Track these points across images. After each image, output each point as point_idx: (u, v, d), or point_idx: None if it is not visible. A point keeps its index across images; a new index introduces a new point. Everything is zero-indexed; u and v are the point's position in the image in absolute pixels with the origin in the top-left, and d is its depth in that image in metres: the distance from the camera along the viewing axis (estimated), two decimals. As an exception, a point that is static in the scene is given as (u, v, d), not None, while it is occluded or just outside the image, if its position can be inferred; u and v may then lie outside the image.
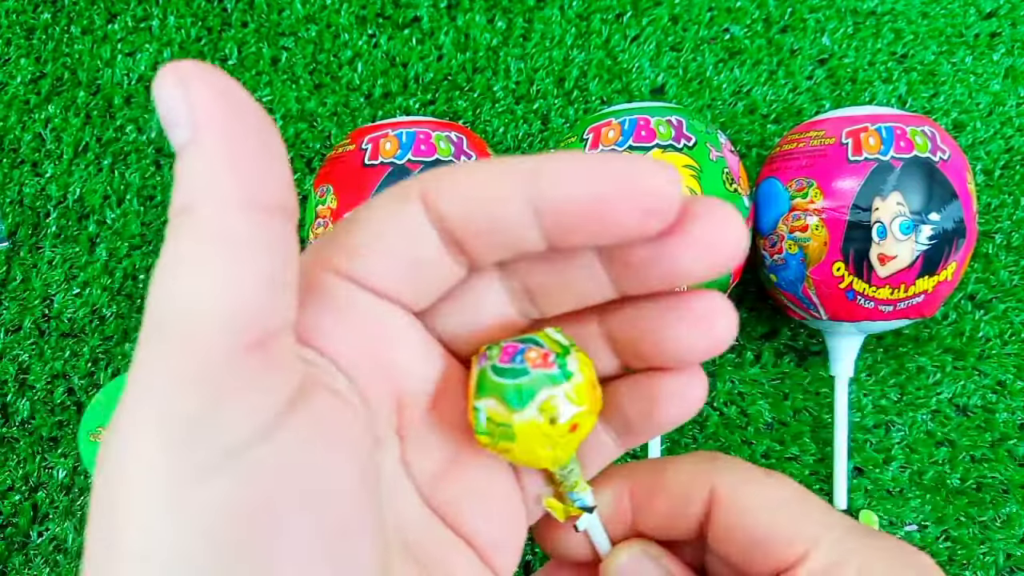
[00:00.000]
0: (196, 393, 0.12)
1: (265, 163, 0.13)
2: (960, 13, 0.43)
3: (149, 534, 0.11)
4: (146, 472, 0.11)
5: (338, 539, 0.13)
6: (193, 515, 0.11)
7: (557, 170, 0.14)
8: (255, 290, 0.12)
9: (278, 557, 0.12)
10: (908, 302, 0.32)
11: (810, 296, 0.33)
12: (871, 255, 0.31)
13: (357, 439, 0.14)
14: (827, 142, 0.33)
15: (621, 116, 0.33)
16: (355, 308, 0.16)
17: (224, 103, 0.12)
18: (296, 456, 0.12)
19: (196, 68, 0.12)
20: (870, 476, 0.37)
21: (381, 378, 0.16)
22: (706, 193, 0.31)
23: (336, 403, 0.14)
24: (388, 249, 0.15)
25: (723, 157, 0.33)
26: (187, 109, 0.12)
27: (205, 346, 0.12)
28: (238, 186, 0.12)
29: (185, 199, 0.12)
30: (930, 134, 0.32)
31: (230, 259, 0.12)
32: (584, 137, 0.33)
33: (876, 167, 0.31)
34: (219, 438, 0.12)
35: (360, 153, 0.32)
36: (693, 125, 0.32)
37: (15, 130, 0.41)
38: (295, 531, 0.12)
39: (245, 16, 0.42)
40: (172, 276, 0.12)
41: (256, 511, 0.12)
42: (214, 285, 0.12)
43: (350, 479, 0.13)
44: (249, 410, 0.12)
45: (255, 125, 0.13)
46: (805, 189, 0.32)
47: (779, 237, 0.33)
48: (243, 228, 0.12)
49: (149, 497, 0.11)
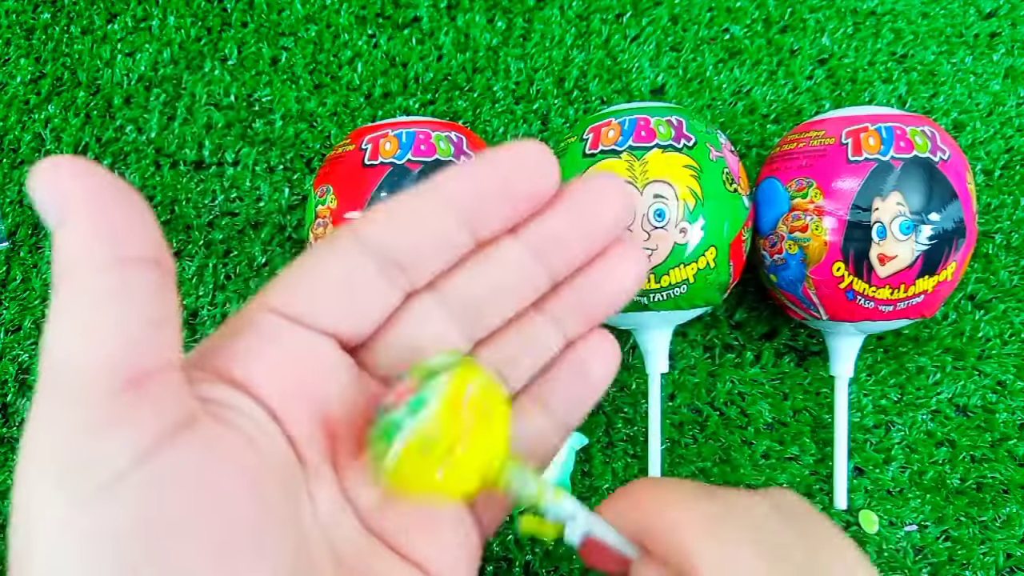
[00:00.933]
0: (76, 431, 0.13)
1: (127, 227, 0.14)
2: (960, 13, 0.43)
3: (50, 564, 0.13)
4: (42, 506, 0.13)
5: (228, 558, 0.14)
6: (85, 541, 0.13)
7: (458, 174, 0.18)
8: (125, 336, 0.14)
9: (170, 571, 0.13)
10: (908, 302, 0.32)
11: (810, 296, 0.33)
12: (871, 255, 0.31)
13: (254, 464, 0.15)
14: (827, 142, 0.33)
15: (621, 116, 0.33)
16: (282, 340, 0.17)
17: (86, 187, 0.14)
18: (177, 480, 0.14)
19: (63, 162, 0.14)
20: (870, 476, 0.37)
21: (306, 407, 0.17)
22: (706, 194, 0.31)
23: (225, 430, 0.15)
24: (322, 283, 0.17)
25: (723, 157, 0.33)
26: (54, 198, 0.14)
27: (80, 390, 0.13)
28: (101, 249, 0.14)
29: (59, 268, 0.14)
30: (930, 134, 0.32)
31: (97, 312, 0.13)
32: (584, 137, 0.33)
33: (876, 167, 0.31)
34: (100, 468, 0.13)
35: (360, 153, 0.32)
36: (693, 125, 0.32)
37: (15, 130, 0.41)
38: (182, 551, 0.13)
39: (245, 16, 0.42)
40: (50, 332, 0.14)
41: (141, 532, 0.13)
42: (84, 336, 0.13)
43: (241, 502, 0.14)
44: (126, 442, 0.13)
45: (117, 198, 0.14)
46: (805, 189, 0.32)
47: (779, 237, 0.33)
48: (107, 283, 0.14)
49: (48, 530, 0.13)
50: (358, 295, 0.17)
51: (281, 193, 0.40)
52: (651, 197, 0.31)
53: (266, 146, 0.41)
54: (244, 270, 0.39)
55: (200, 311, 0.39)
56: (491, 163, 0.18)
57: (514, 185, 0.18)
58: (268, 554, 0.14)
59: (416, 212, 0.18)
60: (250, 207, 0.40)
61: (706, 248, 0.31)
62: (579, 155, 0.32)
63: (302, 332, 0.17)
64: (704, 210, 0.31)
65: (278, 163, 0.40)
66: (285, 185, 0.40)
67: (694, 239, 0.31)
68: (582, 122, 0.34)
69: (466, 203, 0.18)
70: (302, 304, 0.17)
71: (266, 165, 0.40)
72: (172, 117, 0.41)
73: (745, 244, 0.34)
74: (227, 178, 0.40)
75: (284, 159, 0.41)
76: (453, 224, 0.18)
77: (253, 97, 0.41)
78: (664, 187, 0.31)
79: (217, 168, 0.40)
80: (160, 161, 0.41)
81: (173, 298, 0.15)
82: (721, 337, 0.39)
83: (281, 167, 0.40)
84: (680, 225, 0.31)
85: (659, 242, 0.31)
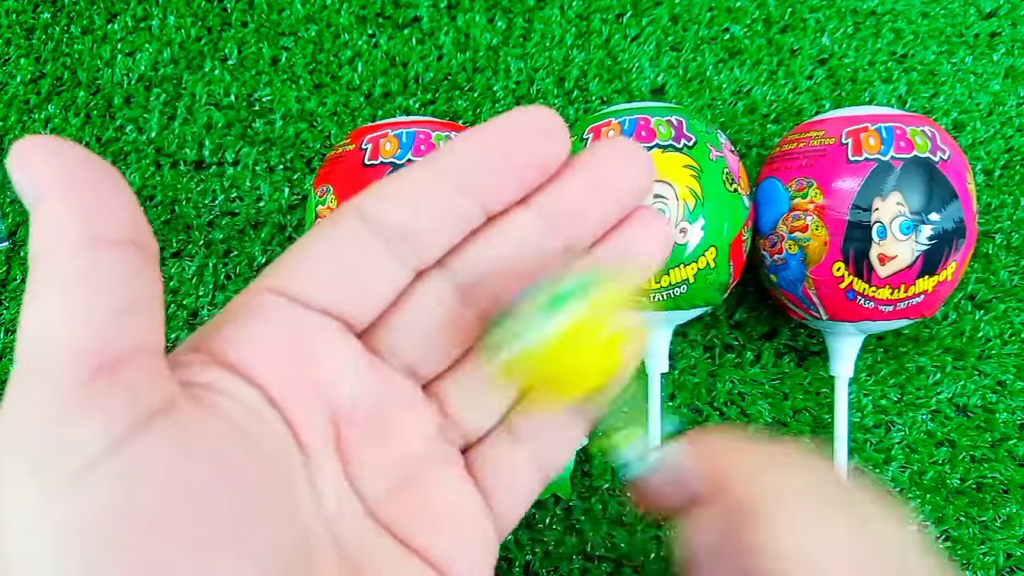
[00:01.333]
0: (48, 418, 0.13)
1: (102, 207, 0.14)
2: (960, 13, 0.43)
3: (25, 555, 0.12)
4: (15, 494, 0.12)
5: (206, 553, 0.13)
6: (57, 532, 0.12)
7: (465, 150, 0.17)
8: (95, 320, 0.13)
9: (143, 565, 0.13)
10: (908, 302, 0.32)
11: (810, 296, 0.33)
12: (871, 255, 0.31)
13: (238, 454, 0.14)
14: (827, 142, 0.33)
15: (621, 116, 0.33)
16: (280, 321, 0.16)
17: (61, 166, 0.13)
18: (151, 470, 0.13)
19: (37, 141, 0.13)
20: (870, 476, 0.37)
21: (307, 391, 0.16)
22: (706, 194, 0.31)
23: (207, 417, 0.14)
24: (324, 261, 0.16)
25: (723, 157, 0.33)
26: (30, 177, 0.13)
27: (51, 376, 0.13)
28: (74, 230, 0.13)
29: (33, 251, 0.13)
30: (930, 134, 0.32)
31: (67, 296, 0.13)
32: (584, 137, 0.33)
33: (876, 167, 0.31)
34: (72, 456, 0.13)
35: (360, 153, 0.32)
36: (693, 125, 0.32)
37: (15, 130, 0.41)
38: (155, 545, 0.13)
39: (245, 16, 0.42)
40: (23, 316, 0.13)
41: (112, 524, 0.13)
42: (53, 320, 0.13)
43: (220, 493, 0.14)
44: (98, 428, 0.13)
45: (93, 177, 0.14)
46: (805, 189, 0.32)
47: (779, 237, 0.33)
48: (78, 266, 0.13)
49: (20, 519, 0.12)
50: (363, 273, 0.17)
51: (281, 193, 0.40)
52: (651, 197, 0.31)
53: (266, 146, 0.41)
54: (244, 270, 0.39)
55: (200, 311, 0.39)
56: (497, 130, 0.17)
57: (522, 152, 0.17)
58: (253, 549, 0.14)
59: (421, 185, 0.17)
60: (250, 207, 0.40)
61: (706, 248, 0.31)
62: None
63: (303, 312, 0.16)
64: (704, 210, 0.31)
65: (278, 163, 0.40)
66: (285, 185, 0.40)
67: (694, 239, 0.31)
68: (582, 122, 0.34)
69: (473, 174, 0.17)
70: (303, 283, 0.16)
71: (266, 165, 0.40)
72: (172, 117, 0.41)
73: (745, 244, 0.34)
74: (227, 178, 0.40)
75: (284, 159, 0.41)
76: (460, 196, 0.17)
77: (253, 97, 0.41)
78: (664, 187, 0.31)
79: (217, 168, 0.40)
80: (160, 161, 0.41)
81: (153, 281, 0.14)
82: (721, 337, 0.39)
83: (281, 167, 0.40)
84: (680, 225, 0.31)
85: None
